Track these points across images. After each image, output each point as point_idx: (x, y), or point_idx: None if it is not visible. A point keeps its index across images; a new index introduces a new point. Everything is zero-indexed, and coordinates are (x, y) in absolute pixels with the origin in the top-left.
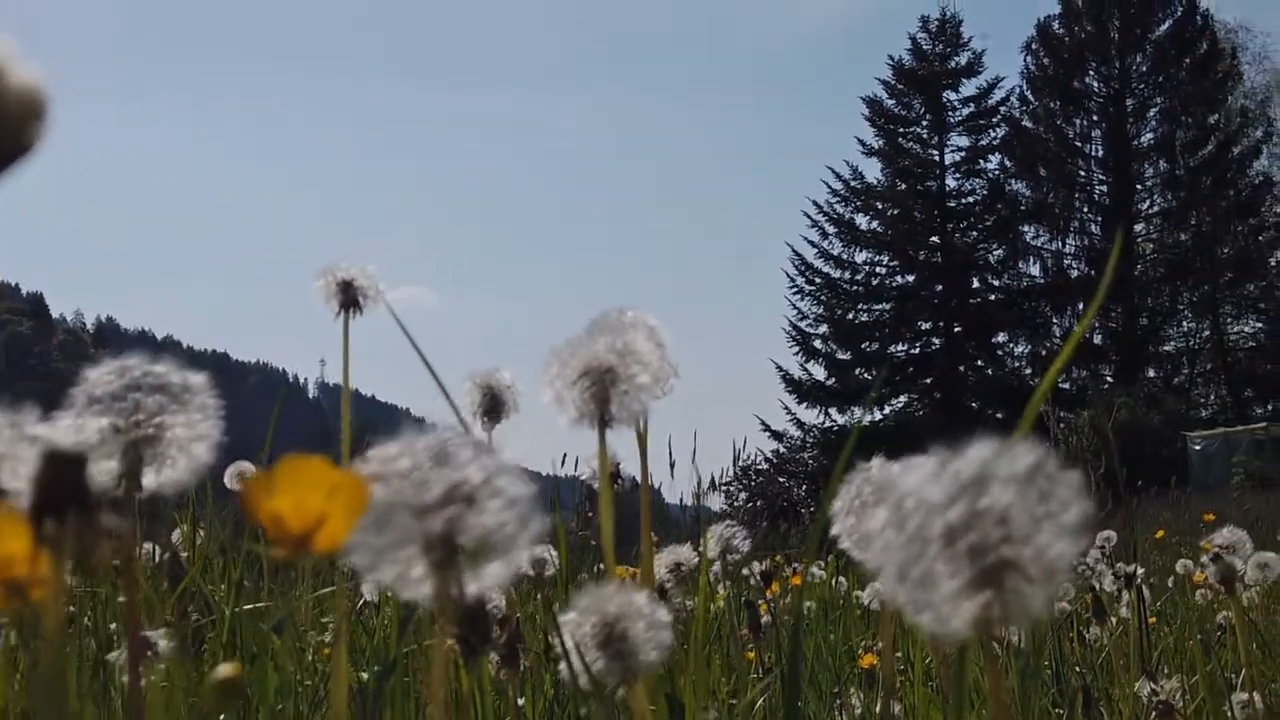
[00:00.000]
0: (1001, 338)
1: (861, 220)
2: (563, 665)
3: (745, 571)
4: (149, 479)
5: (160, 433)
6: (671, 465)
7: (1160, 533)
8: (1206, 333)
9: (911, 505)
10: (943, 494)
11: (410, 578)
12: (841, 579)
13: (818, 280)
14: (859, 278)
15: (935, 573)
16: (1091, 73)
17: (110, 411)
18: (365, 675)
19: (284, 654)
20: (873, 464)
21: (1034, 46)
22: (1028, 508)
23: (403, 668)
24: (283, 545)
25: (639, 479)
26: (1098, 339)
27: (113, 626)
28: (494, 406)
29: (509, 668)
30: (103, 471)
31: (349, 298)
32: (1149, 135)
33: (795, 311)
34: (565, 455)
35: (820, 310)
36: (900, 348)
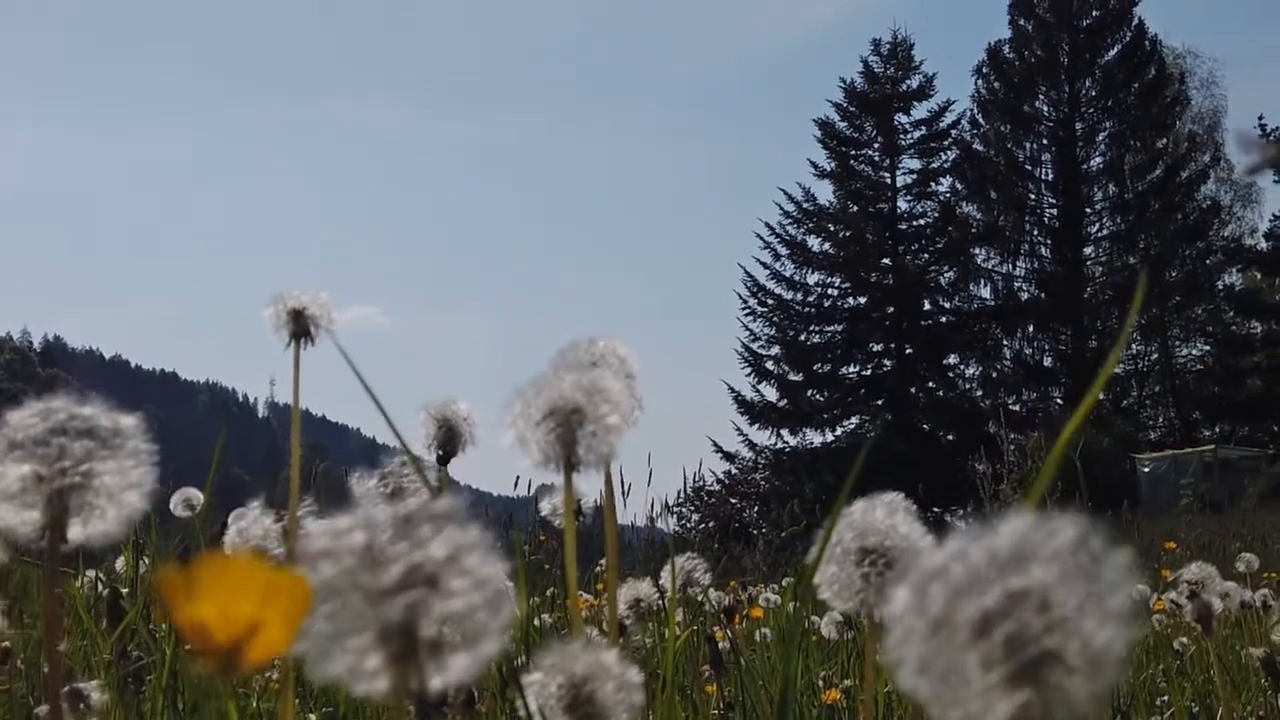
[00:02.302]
0: (953, 359)
1: (813, 242)
2: None
3: (704, 599)
4: (75, 531)
5: (88, 480)
6: (627, 488)
7: None
8: (1155, 355)
9: (937, 588)
10: (974, 574)
11: (364, 670)
12: (797, 604)
13: (770, 302)
14: (811, 299)
15: (965, 666)
16: (1041, 97)
17: (33, 458)
18: (314, 717)
19: (227, 696)
20: (854, 508)
21: (984, 70)
22: (1072, 590)
23: (352, 709)
24: (208, 657)
25: (602, 512)
26: (1047, 361)
27: (46, 669)
28: (450, 439)
29: (465, 713)
30: (25, 522)
31: (300, 327)
32: (1098, 159)
33: (747, 333)
34: (518, 478)
35: (772, 332)
36: (852, 369)
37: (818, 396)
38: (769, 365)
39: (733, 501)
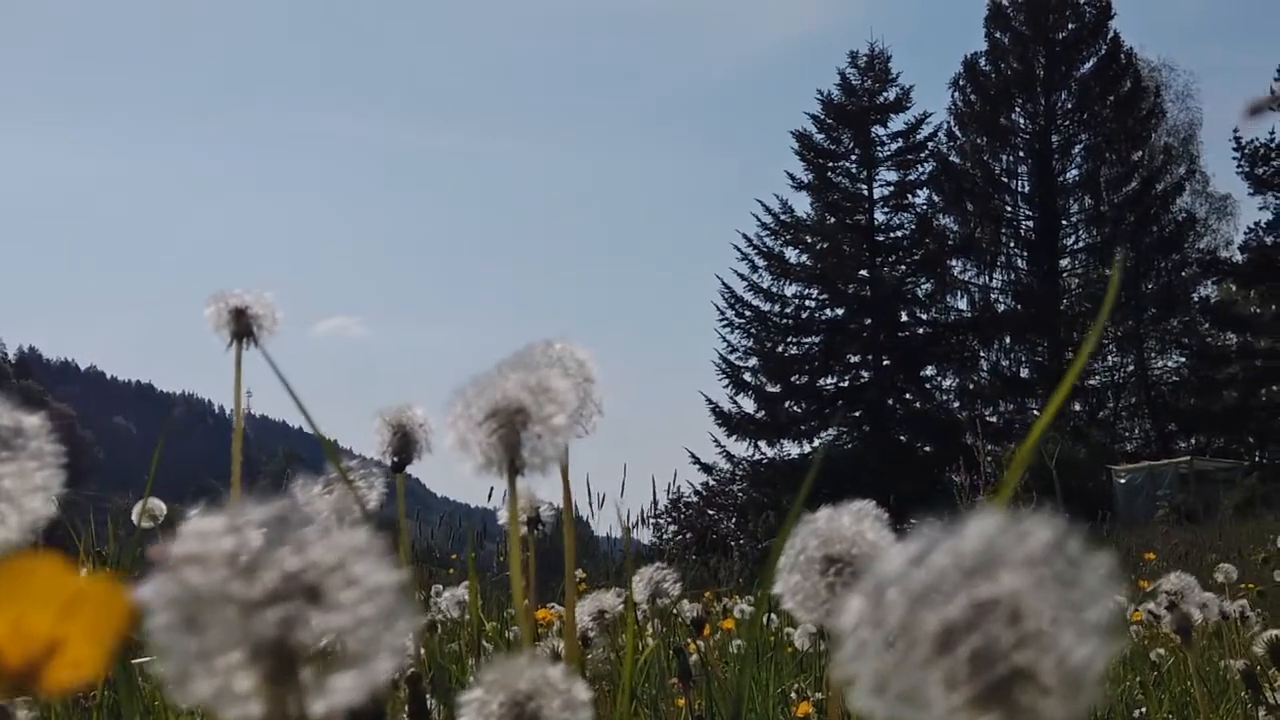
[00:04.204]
0: (930, 371)
1: (791, 253)
2: None
3: (675, 610)
4: None
5: None
6: (601, 499)
7: None
8: (1131, 367)
9: (895, 596)
10: (937, 581)
11: (234, 692)
12: (773, 616)
13: (747, 313)
14: (788, 311)
15: (926, 684)
16: (1018, 109)
17: None
18: None
19: (172, 713)
20: (819, 515)
21: (961, 83)
22: (1046, 600)
23: None
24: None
25: (563, 521)
26: (1024, 373)
27: None
28: (405, 446)
29: None
30: None
31: (242, 326)
32: (1074, 171)
33: (725, 344)
34: (492, 489)
35: (750, 343)
36: (829, 381)
37: (795, 408)
38: (747, 377)
39: (710, 513)
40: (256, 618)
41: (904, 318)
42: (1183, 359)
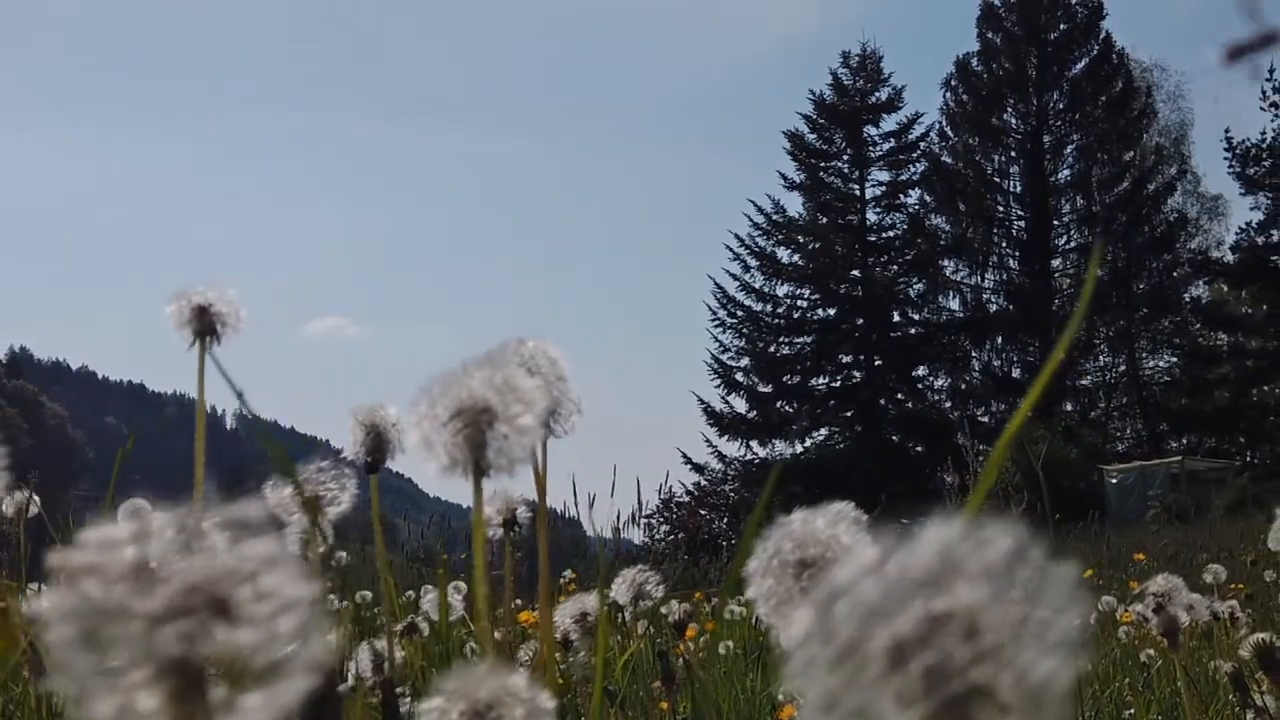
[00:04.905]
0: (921, 371)
1: (783, 253)
2: None
3: (664, 610)
4: None
5: None
6: (592, 499)
7: (1089, 572)
8: (1123, 367)
9: (846, 609)
10: (889, 593)
11: (137, 710)
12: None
13: (739, 313)
14: (780, 311)
15: (878, 703)
16: (1009, 110)
17: None
18: None
19: None
20: (794, 517)
21: (953, 83)
22: (1006, 613)
23: None
24: None
25: (538, 523)
26: (1016, 373)
27: None
28: (378, 446)
29: None
30: None
31: (205, 324)
32: (1066, 172)
33: (717, 344)
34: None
35: (742, 343)
36: (821, 381)
37: (787, 408)
38: (738, 377)
39: (702, 513)
40: (160, 634)
41: (896, 318)
42: (1174, 359)
